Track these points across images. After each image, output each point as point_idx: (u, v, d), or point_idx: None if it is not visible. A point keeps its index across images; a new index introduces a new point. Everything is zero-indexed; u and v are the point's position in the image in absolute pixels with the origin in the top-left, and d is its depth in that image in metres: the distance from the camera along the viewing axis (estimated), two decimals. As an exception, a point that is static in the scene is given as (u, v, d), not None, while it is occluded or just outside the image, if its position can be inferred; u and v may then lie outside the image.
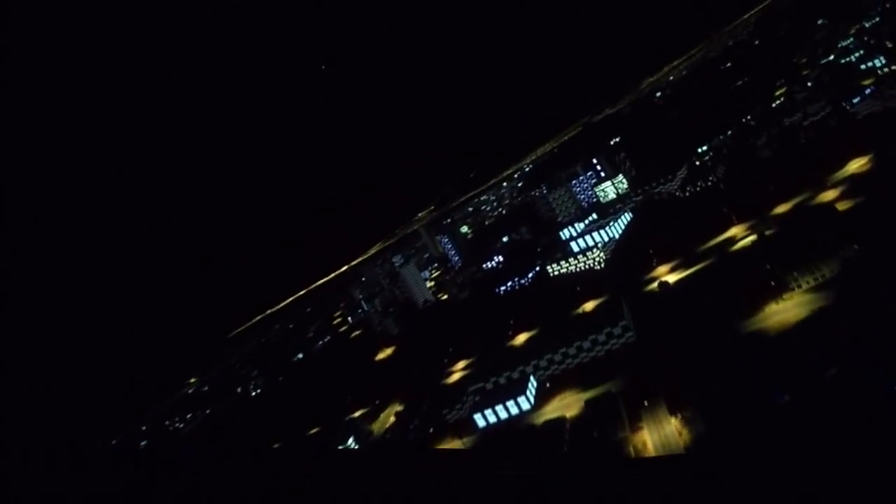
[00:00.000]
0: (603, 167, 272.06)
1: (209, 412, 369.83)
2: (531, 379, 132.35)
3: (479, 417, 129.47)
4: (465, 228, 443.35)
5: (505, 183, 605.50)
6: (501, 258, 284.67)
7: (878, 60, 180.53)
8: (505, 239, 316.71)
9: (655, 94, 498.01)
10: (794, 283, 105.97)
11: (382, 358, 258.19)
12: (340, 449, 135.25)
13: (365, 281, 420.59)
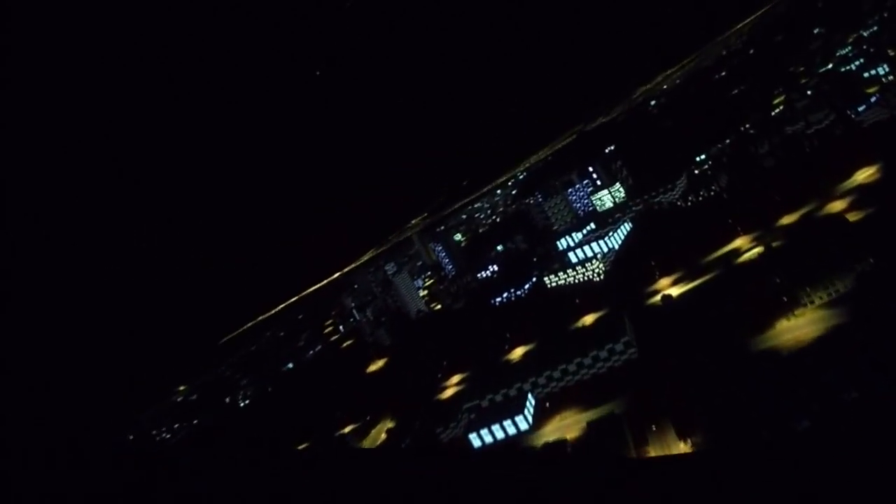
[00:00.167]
0: (599, 175, 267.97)
1: (196, 422, 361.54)
2: (529, 397, 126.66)
3: (474, 437, 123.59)
4: (458, 236, 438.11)
5: (499, 190, 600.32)
6: (496, 268, 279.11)
7: (881, 69, 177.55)
8: (500, 248, 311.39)
9: (650, 102, 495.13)
10: (806, 298, 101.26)
11: (374, 370, 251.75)
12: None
13: (357, 289, 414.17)
